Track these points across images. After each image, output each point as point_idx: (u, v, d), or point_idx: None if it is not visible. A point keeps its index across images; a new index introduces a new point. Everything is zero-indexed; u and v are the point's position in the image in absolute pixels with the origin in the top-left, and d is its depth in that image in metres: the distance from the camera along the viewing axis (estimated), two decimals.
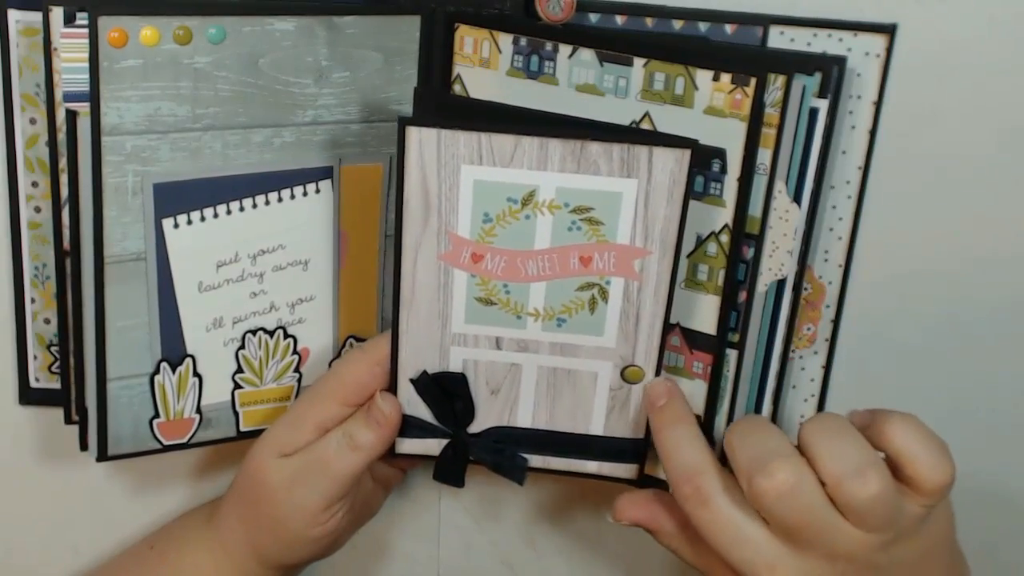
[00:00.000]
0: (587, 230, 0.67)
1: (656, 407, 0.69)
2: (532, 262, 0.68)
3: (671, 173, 0.65)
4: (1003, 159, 0.71)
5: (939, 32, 0.70)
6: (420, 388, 0.72)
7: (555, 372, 0.71)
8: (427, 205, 0.67)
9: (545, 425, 0.73)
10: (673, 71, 0.69)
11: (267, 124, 0.73)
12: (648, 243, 0.67)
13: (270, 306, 0.76)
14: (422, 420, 0.73)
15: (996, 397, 0.75)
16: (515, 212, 0.67)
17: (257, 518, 0.75)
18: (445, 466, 0.74)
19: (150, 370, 0.74)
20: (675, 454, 0.67)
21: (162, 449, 0.76)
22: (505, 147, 0.66)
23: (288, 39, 0.71)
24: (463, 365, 0.72)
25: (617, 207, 0.67)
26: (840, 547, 0.63)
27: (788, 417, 0.77)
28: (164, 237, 0.72)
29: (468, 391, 0.72)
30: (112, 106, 0.68)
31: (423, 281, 0.69)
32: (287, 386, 0.78)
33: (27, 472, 0.84)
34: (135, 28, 0.67)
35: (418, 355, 0.71)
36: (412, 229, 0.68)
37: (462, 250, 0.68)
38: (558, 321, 0.70)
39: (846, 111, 0.71)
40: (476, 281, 0.69)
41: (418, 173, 0.66)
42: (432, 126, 0.65)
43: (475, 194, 0.67)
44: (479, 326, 0.70)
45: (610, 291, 0.69)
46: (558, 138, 0.65)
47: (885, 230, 0.73)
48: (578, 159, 0.66)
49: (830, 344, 0.75)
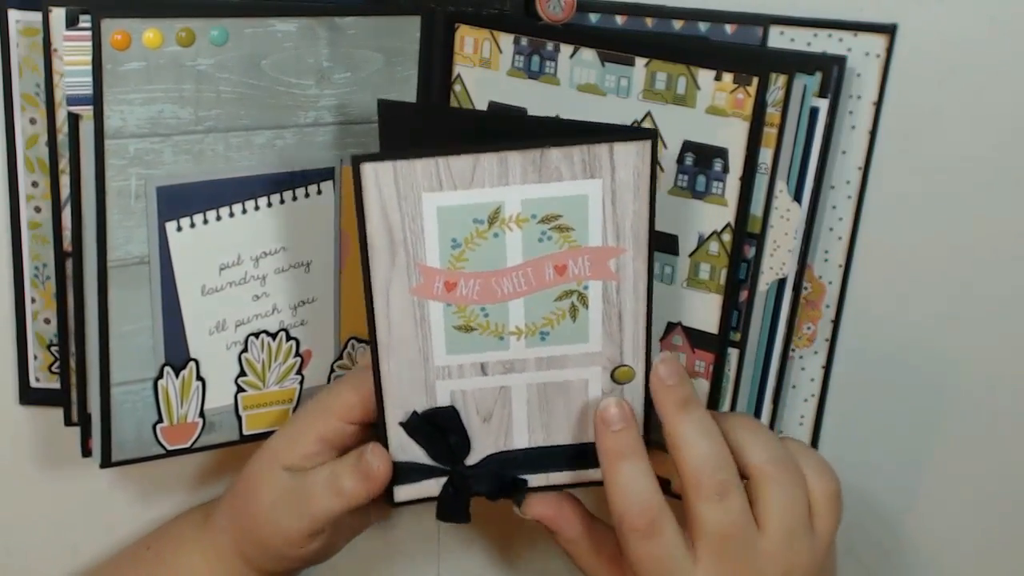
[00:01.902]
0: (558, 238, 0.66)
1: (611, 431, 0.68)
2: (507, 280, 0.67)
3: (634, 167, 0.64)
4: (1003, 159, 0.71)
5: (939, 32, 0.70)
6: (411, 430, 0.70)
7: (545, 387, 0.70)
8: (392, 241, 0.65)
9: (543, 442, 0.71)
10: (675, 71, 0.69)
11: (269, 126, 0.72)
12: (621, 241, 0.66)
13: (272, 308, 0.76)
14: (417, 463, 0.71)
15: (996, 397, 0.75)
16: (483, 233, 0.65)
17: (245, 528, 0.75)
18: (447, 504, 0.72)
19: (154, 375, 0.74)
20: (630, 488, 0.66)
21: (165, 454, 0.76)
22: (464, 168, 0.64)
23: (290, 40, 0.71)
24: (451, 397, 0.69)
25: (584, 210, 0.65)
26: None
27: (788, 417, 0.77)
28: (167, 240, 0.72)
29: (460, 424, 0.70)
30: (115, 109, 0.68)
31: (398, 320, 0.67)
32: (290, 389, 0.78)
33: (27, 472, 0.83)
34: (138, 30, 0.67)
35: (404, 397, 0.69)
36: (380, 269, 0.66)
37: (434, 280, 0.66)
38: (541, 335, 0.68)
39: (846, 111, 0.71)
40: (452, 310, 0.67)
41: (379, 210, 0.64)
42: (387, 159, 0.64)
43: (440, 221, 0.65)
44: (462, 355, 0.68)
45: (589, 296, 0.67)
46: (516, 150, 0.64)
47: (885, 230, 0.73)
48: (539, 168, 0.64)
49: (830, 344, 0.75)
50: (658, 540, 0.65)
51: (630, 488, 0.66)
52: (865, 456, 0.78)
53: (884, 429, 0.77)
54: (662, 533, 0.65)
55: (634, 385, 0.69)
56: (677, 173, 0.70)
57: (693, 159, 0.70)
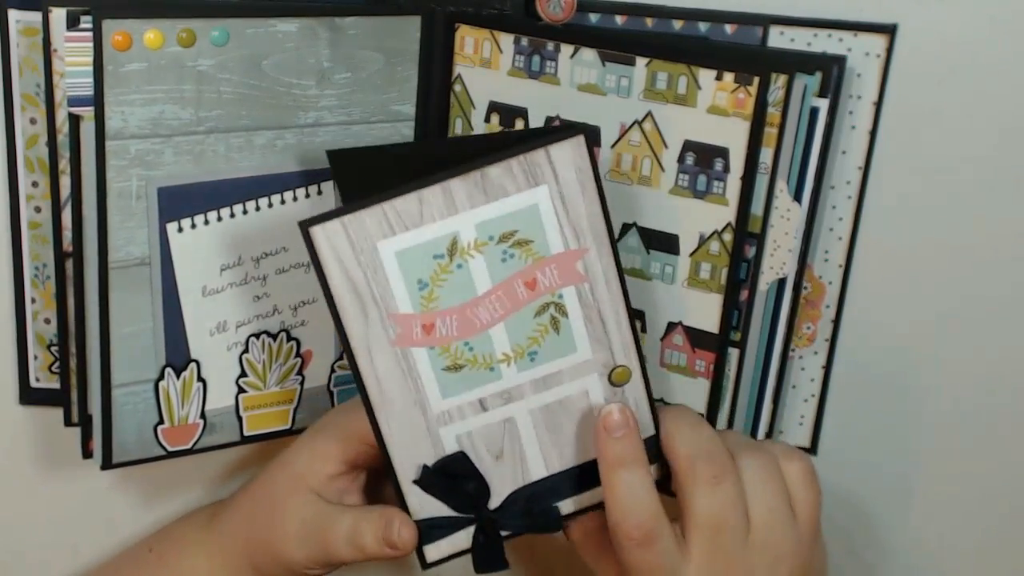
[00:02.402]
0: (520, 254, 0.65)
1: (612, 438, 0.67)
2: (482, 308, 0.66)
3: (574, 165, 0.64)
4: (1003, 159, 0.71)
5: (939, 32, 0.70)
6: (426, 486, 0.69)
7: (547, 409, 0.69)
8: (359, 298, 0.64)
9: (560, 466, 0.70)
10: (676, 70, 0.69)
11: (270, 126, 0.72)
12: (581, 241, 0.65)
13: (273, 309, 0.76)
14: (441, 517, 0.69)
15: (995, 397, 0.75)
16: (446, 267, 0.65)
17: (263, 540, 0.75)
18: (481, 553, 0.70)
19: (155, 376, 0.74)
20: (629, 498, 0.66)
21: (166, 455, 0.76)
22: (410, 208, 0.63)
23: (291, 40, 0.71)
24: (457, 442, 0.68)
25: (538, 219, 0.65)
26: None
27: (788, 417, 0.77)
28: (168, 241, 0.72)
29: (474, 467, 0.69)
30: (116, 110, 0.68)
31: (386, 375, 0.66)
32: (290, 389, 0.78)
33: (27, 472, 0.83)
34: (139, 31, 0.67)
35: (411, 453, 0.68)
36: (355, 329, 0.65)
37: (411, 327, 0.65)
38: (530, 356, 0.67)
39: (846, 111, 0.71)
40: (437, 352, 0.66)
41: (338, 269, 0.63)
42: (334, 217, 0.63)
43: (401, 266, 0.64)
44: (458, 396, 0.67)
45: (566, 304, 0.66)
46: (456, 177, 0.63)
47: (885, 230, 0.73)
48: (484, 189, 0.64)
49: (830, 344, 0.75)
50: (653, 549, 0.66)
51: (628, 498, 0.66)
52: (865, 456, 0.78)
53: (884, 429, 0.77)
54: (658, 541, 0.66)
55: (634, 384, 0.69)
56: (678, 173, 0.70)
57: (694, 159, 0.70)
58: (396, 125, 0.76)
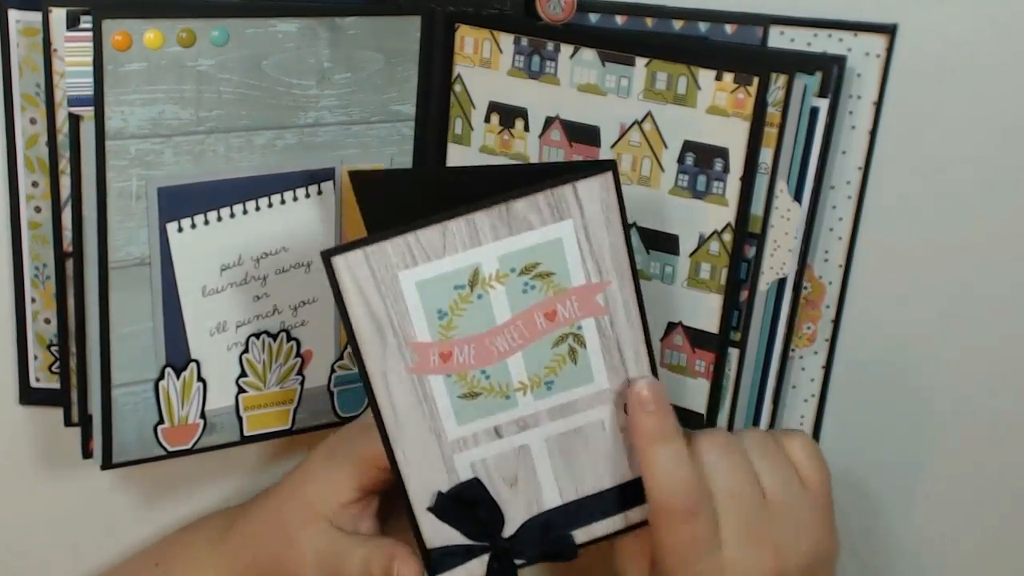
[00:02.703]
0: (541, 286, 0.65)
1: (645, 411, 0.66)
2: (500, 338, 0.65)
3: (601, 200, 0.63)
4: (1003, 159, 0.71)
5: (939, 32, 0.70)
6: (440, 513, 0.68)
7: (563, 438, 0.68)
8: (379, 327, 0.64)
9: (575, 495, 0.69)
10: (675, 71, 0.69)
11: (269, 126, 0.73)
12: (603, 275, 0.65)
13: (273, 309, 0.76)
14: (454, 545, 0.69)
15: (996, 397, 0.75)
16: (466, 297, 0.64)
17: (272, 568, 0.75)
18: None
19: (155, 376, 0.74)
20: (671, 472, 0.65)
21: (166, 455, 0.76)
22: (434, 239, 0.63)
23: (291, 40, 0.71)
24: (472, 469, 0.68)
25: (561, 252, 0.64)
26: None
27: (788, 417, 0.77)
28: (168, 241, 0.72)
29: (488, 494, 0.68)
30: (116, 110, 0.68)
31: (402, 403, 0.65)
32: (290, 389, 0.78)
33: (27, 472, 0.83)
34: (139, 31, 0.67)
35: (425, 480, 0.67)
36: (374, 357, 0.64)
37: (429, 355, 0.65)
38: (547, 385, 0.67)
39: (846, 111, 0.71)
40: (453, 380, 0.66)
41: (359, 299, 0.63)
42: (356, 248, 0.62)
43: (421, 296, 0.64)
44: (473, 423, 0.67)
45: (584, 335, 0.66)
46: (481, 210, 0.63)
47: (885, 230, 0.73)
48: (508, 223, 0.63)
49: (830, 344, 0.75)
50: (697, 520, 0.65)
51: (669, 474, 0.65)
52: (865, 456, 0.78)
53: (884, 429, 0.77)
54: (702, 513, 0.65)
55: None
56: (678, 173, 0.70)
57: (694, 159, 0.70)
58: (396, 125, 0.76)
